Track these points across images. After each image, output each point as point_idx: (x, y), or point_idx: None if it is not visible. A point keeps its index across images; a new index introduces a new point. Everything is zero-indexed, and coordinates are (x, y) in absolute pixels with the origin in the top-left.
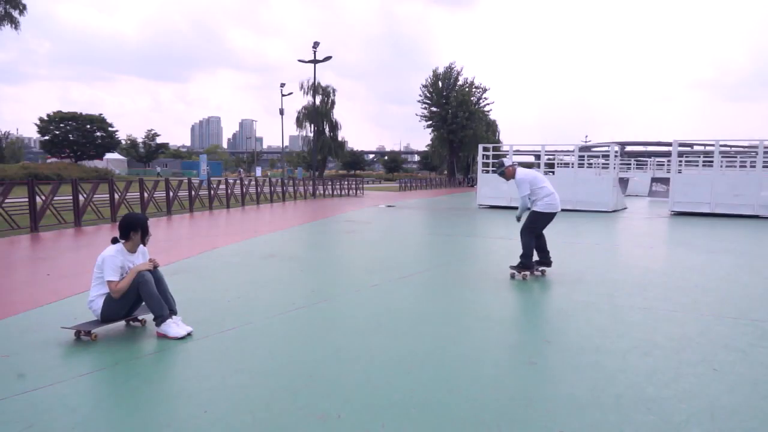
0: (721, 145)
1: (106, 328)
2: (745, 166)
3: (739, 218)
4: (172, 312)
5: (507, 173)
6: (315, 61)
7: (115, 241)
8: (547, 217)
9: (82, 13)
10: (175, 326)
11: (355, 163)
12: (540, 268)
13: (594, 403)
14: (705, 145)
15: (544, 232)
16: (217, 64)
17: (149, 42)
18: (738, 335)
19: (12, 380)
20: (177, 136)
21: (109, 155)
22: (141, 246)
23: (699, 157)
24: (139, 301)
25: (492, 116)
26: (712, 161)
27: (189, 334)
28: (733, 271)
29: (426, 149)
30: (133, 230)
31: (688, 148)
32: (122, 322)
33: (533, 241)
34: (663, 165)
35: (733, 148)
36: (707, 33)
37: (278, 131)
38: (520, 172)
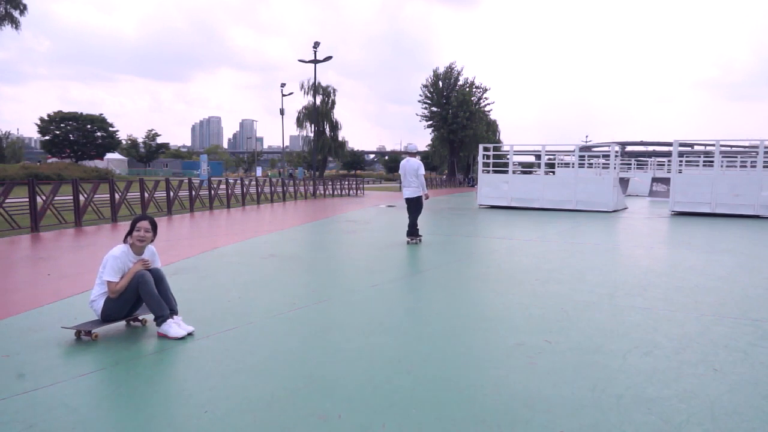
0: (722, 145)
1: (107, 328)
2: (745, 166)
3: (740, 218)
4: (173, 312)
5: None
6: (315, 61)
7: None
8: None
9: (81, 12)
10: (175, 326)
11: (356, 163)
12: None
13: (594, 403)
14: (705, 145)
15: None
16: (217, 64)
17: (149, 41)
18: (739, 335)
19: (12, 380)
20: (177, 136)
21: (109, 155)
22: (150, 246)
23: (699, 157)
24: (139, 301)
25: (492, 116)
26: (712, 161)
27: (190, 334)
28: (734, 271)
29: (426, 149)
30: (129, 232)
31: (689, 148)
32: (123, 322)
33: None
34: (663, 165)
35: (733, 148)
36: (710, 32)
37: (279, 131)
38: None
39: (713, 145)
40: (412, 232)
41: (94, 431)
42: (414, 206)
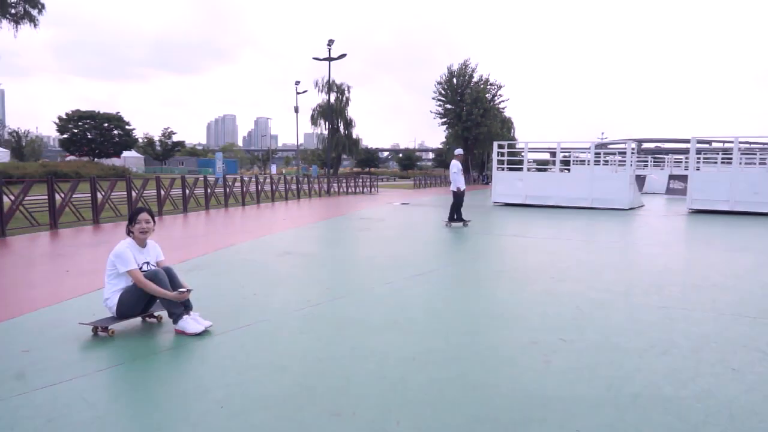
0: (741, 142)
1: (124, 324)
2: (765, 164)
3: (759, 216)
4: (187, 308)
5: None
6: (330, 59)
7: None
8: None
9: (96, 5)
10: (193, 322)
11: (370, 160)
12: None
13: (611, 403)
14: (724, 141)
15: None
16: (233, 60)
17: (159, 38)
18: (757, 335)
19: (32, 375)
20: (193, 133)
21: (126, 153)
22: (151, 241)
23: (718, 154)
24: (154, 298)
25: (507, 113)
26: (731, 158)
27: (207, 330)
28: (753, 270)
29: (440, 146)
30: (129, 224)
31: (707, 145)
32: (139, 319)
33: None
34: (681, 162)
35: (752, 145)
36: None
37: (293, 129)
38: None
39: (732, 141)
40: (450, 218)
41: (112, 426)
42: (453, 198)
